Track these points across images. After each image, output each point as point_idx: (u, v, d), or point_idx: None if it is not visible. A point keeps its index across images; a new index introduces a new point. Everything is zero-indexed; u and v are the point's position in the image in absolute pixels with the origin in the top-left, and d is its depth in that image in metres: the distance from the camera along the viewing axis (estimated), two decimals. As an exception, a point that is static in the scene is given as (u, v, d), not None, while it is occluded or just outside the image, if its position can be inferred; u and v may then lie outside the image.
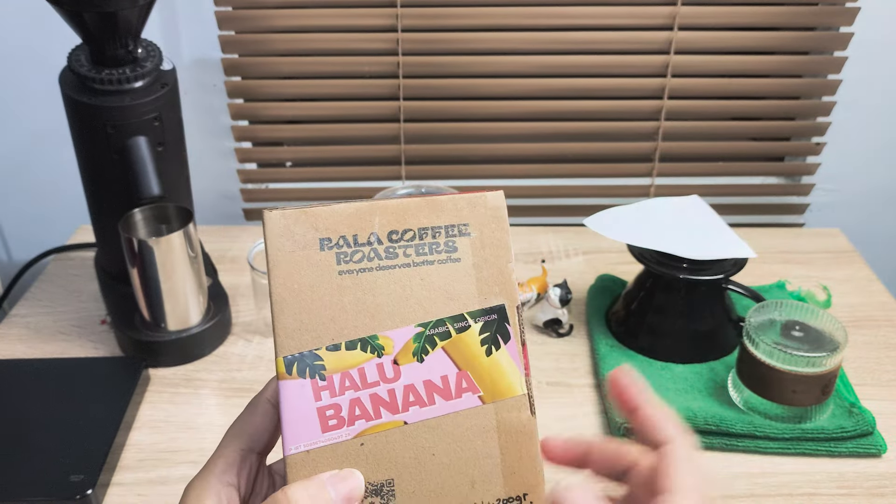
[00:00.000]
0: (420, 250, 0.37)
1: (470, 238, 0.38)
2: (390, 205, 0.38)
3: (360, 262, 0.37)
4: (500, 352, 0.37)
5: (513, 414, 0.37)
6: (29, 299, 0.95)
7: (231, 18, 1.05)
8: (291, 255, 0.37)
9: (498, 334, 0.37)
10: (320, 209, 0.37)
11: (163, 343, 0.82)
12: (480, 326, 0.37)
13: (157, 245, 0.77)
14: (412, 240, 0.38)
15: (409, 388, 0.36)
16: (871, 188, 1.21)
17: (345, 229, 0.37)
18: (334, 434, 0.36)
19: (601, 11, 1.05)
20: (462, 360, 0.37)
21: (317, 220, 0.37)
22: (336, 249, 0.37)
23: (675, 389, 0.78)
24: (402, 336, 0.37)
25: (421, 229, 0.38)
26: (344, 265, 0.37)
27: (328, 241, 0.37)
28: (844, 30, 1.07)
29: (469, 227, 0.38)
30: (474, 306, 0.37)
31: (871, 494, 0.69)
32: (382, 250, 0.37)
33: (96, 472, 0.68)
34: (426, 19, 1.05)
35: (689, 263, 0.80)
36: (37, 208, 1.18)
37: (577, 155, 1.15)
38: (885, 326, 0.91)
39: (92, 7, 0.71)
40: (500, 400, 0.37)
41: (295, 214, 0.37)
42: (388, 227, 0.37)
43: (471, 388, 0.37)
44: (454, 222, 0.38)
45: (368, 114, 1.12)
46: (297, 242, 0.37)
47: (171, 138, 0.81)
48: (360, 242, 0.37)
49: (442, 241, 0.38)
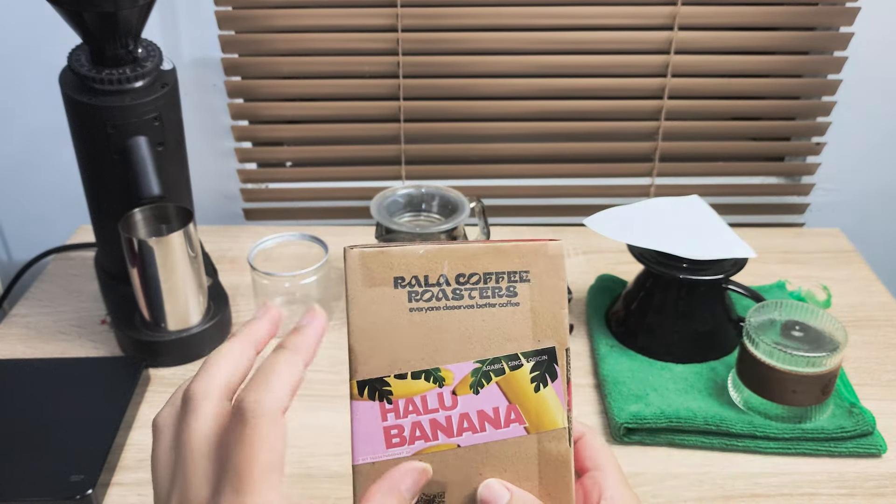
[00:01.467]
0: (484, 293, 0.41)
1: (529, 284, 0.41)
2: (459, 249, 0.41)
3: (430, 300, 0.41)
4: (547, 389, 0.41)
5: (553, 444, 0.41)
6: (29, 299, 0.95)
7: (231, 18, 1.05)
8: (369, 291, 0.40)
9: (547, 373, 0.41)
10: (396, 250, 0.41)
11: (163, 343, 0.82)
12: (532, 366, 0.41)
13: (157, 245, 0.77)
14: (477, 283, 0.41)
15: (464, 415, 0.41)
16: (871, 188, 1.21)
17: (417, 270, 0.41)
18: (396, 451, 0.40)
19: (601, 11, 1.05)
20: (512, 395, 0.41)
21: (392, 260, 0.41)
22: (409, 288, 0.41)
23: (675, 389, 0.78)
24: (462, 370, 0.41)
25: (486, 274, 0.41)
26: (415, 303, 0.41)
27: (402, 279, 0.41)
28: (844, 30, 1.07)
29: (529, 274, 0.41)
30: (528, 347, 0.41)
31: (871, 494, 0.69)
32: (450, 291, 0.41)
33: (96, 472, 0.68)
34: (426, 19, 1.05)
35: (689, 263, 0.80)
36: (37, 208, 1.18)
37: (577, 155, 1.15)
38: (885, 326, 0.91)
39: (92, 7, 0.71)
40: (543, 432, 0.41)
41: (373, 254, 0.41)
42: (457, 271, 0.41)
43: (518, 420, 0.41)
44: (516, 269, 0.41)
45: (368, 114, 1.12)
46: (375, 280, 0.41)
47: (171, 138, 0.81)
48: (431, 283, 0.41)
49: (504, 285, 0.41)
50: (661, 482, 0.70)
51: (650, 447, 0.74)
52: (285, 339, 0.38)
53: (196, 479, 0.34)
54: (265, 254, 0.90)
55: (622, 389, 0.77)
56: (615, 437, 0.74)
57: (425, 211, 0.91)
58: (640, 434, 0.74)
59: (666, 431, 0.74)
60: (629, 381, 0.78)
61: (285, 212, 1.19)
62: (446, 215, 0.89)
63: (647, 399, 0.76)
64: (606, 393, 0.78)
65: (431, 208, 0.91)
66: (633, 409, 0.74)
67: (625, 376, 0.79)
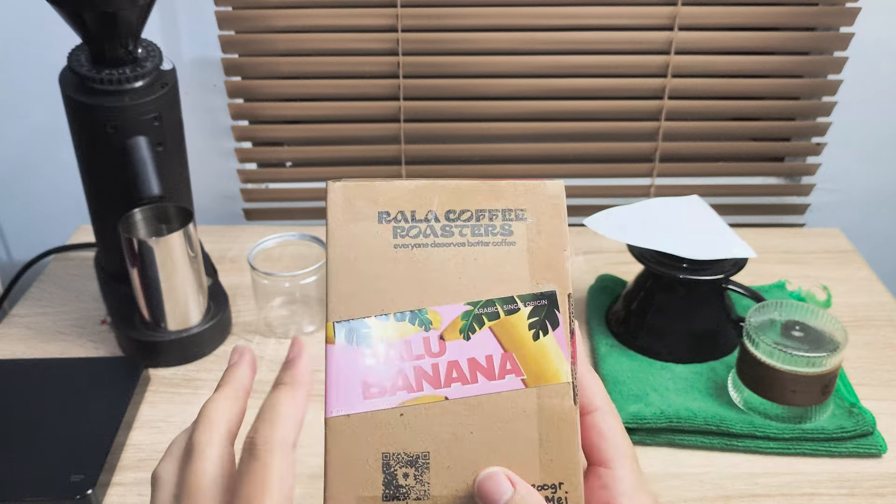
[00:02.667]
0: (476, 231, 0.38)
1: (526, 223, 0.38)
2: (450, 185, 0.38)
3: (416, 237, 0.38)
4: (547, 337, 0.37)
5: (555, 400, 0.37)
6: (29, 299, 0.95)
7: (231, 18, 1.05)
8: (350, 225, 0.38)
9: (547, 320, 0.37)
10: (382, 183, 0.38)
11: (163, 343, 0.82)
12: (530, 311, 0.37)
13: (157, 245, 0.77)
14: (469, 220, 0.38)
15: (452, 364, 0.37)
16: (871, 188, 1.21)
17: (404, 205, 0.38)
18: (375, 402, 0.36)
19: (601, 11, 1.05)
20: (508, 342, 0.37)
21: (377, 193, 0.38)
22: (394, 224, 0.38)
23: (675, 389, 0.78)
24: (451, 312, 0.37)
25: (478, 211, 0.38)
26: (400, 239, 0.38)
27: (387, 214, 0.38)
28: (844, 30, 1.07)
29: (526, 213, 0.38)
30: (525, 290, 0.38)
31: (871, 494, 0.69)
32: (439, 228, 0.38)
33: (96, 472, 0.68)
34: (426, 19, 1.05)
35: (689, 263, 0.80)
36: (37, 208, 1.18)
37: (577, 155, 1.15)
38: (885, 326, 0.91)
39: (92, 7, 0.71)
40: (543, 385, 0.37)
41: (357, 187, 0.38)
42: (447, 207, 0.38)
43: (514, 371, 0.37)
44: (511, 207, 0.38)
45: (368, 114, 1.12)
46: (357, 214, 0.38)
47: (171, 138, 0.81)
48: (418, 219, 0.38)
49: (498, 223, 0.38)
50: (661, 482, 0.70)
51: (650, 447, 0.74)
52: (282, 374, 0.38)
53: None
54: (265, 254, 0.90)
55: (622, 389, 0.77)
56: (615, 437, 0.74)
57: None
58: (640, 434, 0.74)
59: (666, 431, 0.74)
60: (629, 381, 0.78)
61: (285, 212, 1.19)
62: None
63: (647, 399, 0.76)
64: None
65: (431, 208, 0.91)
66: (633, 409, 0.74)
67: (625, 376, 0.79)
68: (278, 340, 0.88)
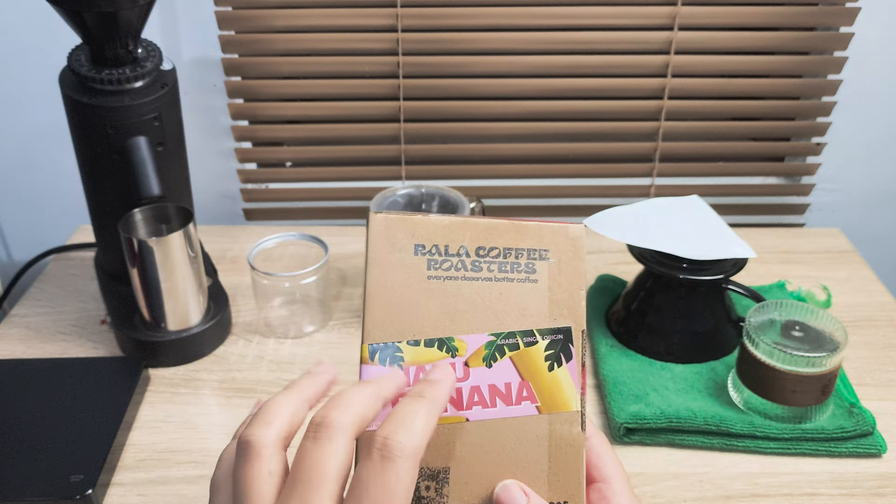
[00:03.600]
0: (503, 267, 0.41)
1: (548, 263, 0.42)
2: (481, 223, 0.42)
3: (448, 270, 0.41)
4: (561, 369, 0.41)
5: (565, 427, 0.40)
6: (29, 299, 0.95)
7: (231, 18, 1.05)
8: (389, 255, 0.41)
9: (561, 353, 0.41)
10: (419, 218, 0.41)
11: (163, 343, 0.82)
12: (547, 343, 0.41)
13: (157, 245, 0.77)
14: (497, 257, 0.41)
15: (475, 388, 0.40)
16: (871, 188, 1.21)
17: (438, 239, 0.41)
18: None
19: (601, 11, 1.05)
20: (526, 371, 0.40)
21: (415, 227, 0.41)
22: (428, 256, 0.41)
23: (675, 389, 0.78)
24: (476, 342, 0.40)
25: (506, 248, 0.41)
26: (433, 271, 0.41)
27: (422, 247, 0.41)
28: (844, 30, 1.07)
29: (549, 253, 0.42)
30: (544, 325, 0.41)
31: (871, 494, 0.69)
32: (469, 262, 0.41)
33: (96, 472, 0.68)
34: (426, 19, 1.05)
35: (689, 263, 0.80)
36: (37, 208, 1.18)
37: (578, 155, 1.15)
38: (885, 326, 0.91)
39: (92, 7, 0.71)
40: (555, 412, 0.40)
41: (397, 220, 0.41)
42: (477, 243, 0.41)
43: (530, 398, 0.40)
44: (536, 247, 0.42)
45: (368, 114, 1.12)
46: (395, 245, 0.41)
47: (171, 138, 0.81)
48: (451, 253, 0.41)
49: (523, 262, 0.41)
50: (661, 482, 0.70)
51: (650, 447, 0.74)
52: (423, 387, 0.37)
53: (323, 500, 0.33)
54: (265, 254, 0.90)
55: (622, 389, 0.77)
56: (615, 437, 0.74)
57: (425, 211, 0.91)
58: (640, 434, 0.74)
59: (666, 431, 0.74)
60: (629, 381, 0.78)
61: (285, 212, 1.19)
62: (446, 215, 0.89)
63: (647, 399, 0.76)
64: (606, 393, 0.78)
65: (431, 208, 0.91)
66: (633, 409, 0.74)
67: (625, 376, 0.79)
68: (278, 340, 0.88)
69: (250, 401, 0.79)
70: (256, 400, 0.39)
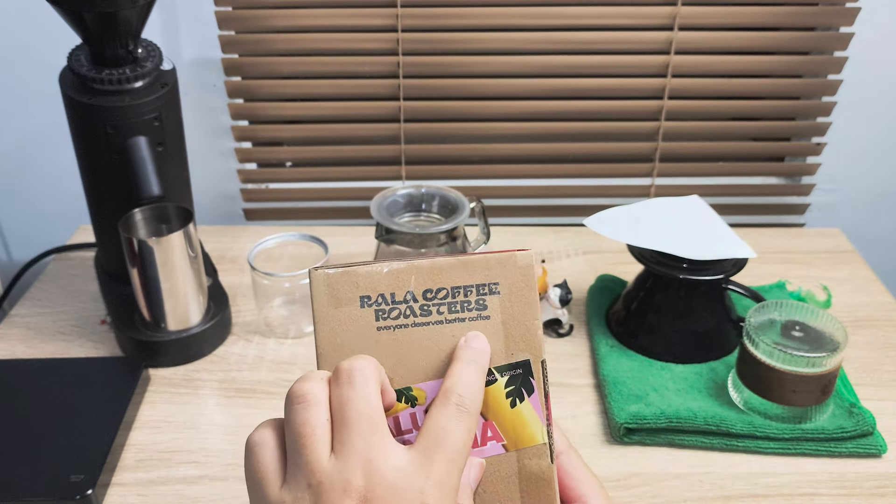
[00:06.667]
0: (452, 308, 0.40)
1: (499, 296, 0.40)
2: (425, 265, 0.40)
3: (397, 318, 0.40)
4: (523, 404, 0.40)
5: (533, 461, 0.40)
6: (29, 299, 0.95)
7: (231, 18, 1.05)
8: (335, 311, 0.40)
9: (522, 387, 0.40)
10: (361, 269, 0.40)
11: (163, 343, 0.82)
12: (506, 380, 0.40)
13: (157, 245, 0.77)
14: (445, 298, 0.40)
15: None
16: (872, 188, 1.21)
17: (383, 288, 0.40)
18: None
19: (601, 11, 1.05)
20: (488, 411, 0.40)
21: (357, 279, 0.40)
22: (375, 307, 0.40)
23: (675, 389, 0.78)
24: (434, 388, 0.39)
25: (454, 288, 0.40)
26: (382, 321, 0.40)
27: (368, 298, 0.40)
28: (844, 30, 1.07)
29: (499, 286, 0.41)
30: (501, 361, 0.40)
31: (872, 494, 0.69)
32: (418, 308, 0.40)
33: (96, 472, 0.68)
34: (426, 19, 1.05)
35: (689, 263, 0.80)
36: (37, 208, 1.18)
37: (577, 155, 1.15)
38: (885, 326, 0.91)
39: (92, 7, 0.71)
40: (522, 448, 0.40)
41: (338, 275, 0.40)
42: (424, 286, 0.40)
43: (495, 437, 0.40)
44: (485, 281, 0.40)
45: (368, 114, 1.12)
46: (340, 300, 0.40)
47: (171, 138, 0.81)
48: (398, 300, 0.40)
49: (473, 299, 0.40)
50: (661, 482, 0.70)
51: (650, 447, 0.74)
52: (471, 354, 0.39)
53: (384, 438, 0.36)
54: (265, 254, 0.90)
55: (622, 389, 0.77)
56: (615, 437, 0.74)
57: (425, 211, 0.91)
58: (640, 434, 0.74)
59: (666, 431, 0.74)
60: (629, 381, 0.78)
61: (285, 212, 1.19)
62: (446, 215, 0.89)
63: (647, 399, 0.76)
64: (606, 393, 0.78)
65: (431, 208, 0.91)
66: (633, 409, 0.74)
67: (625, 376, 0.79)
68: (278, 340, 0.88)
69: (250, 401, 0.79)
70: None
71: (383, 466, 0.35)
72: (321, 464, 0.35)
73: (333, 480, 0.35)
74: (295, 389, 0.37)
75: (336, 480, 0.35)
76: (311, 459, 0.35)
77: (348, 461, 0.35)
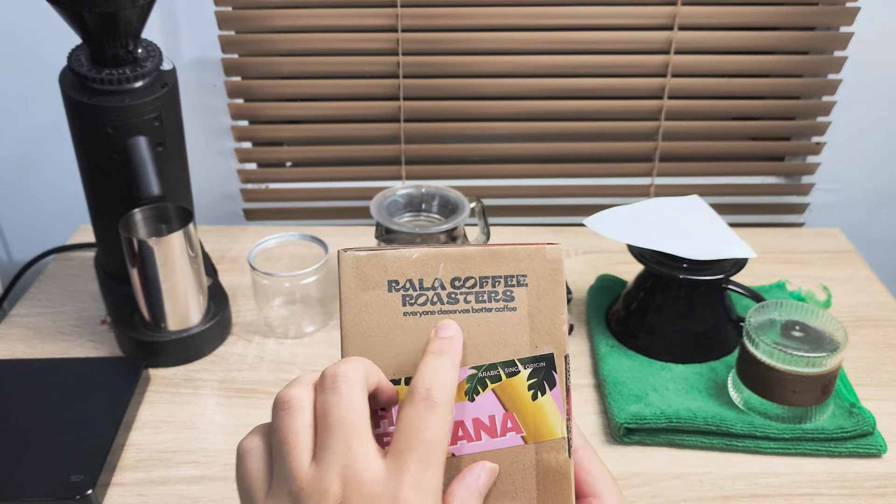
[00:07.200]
0: (480, 297, 0.40)
1: (527, 288, 0.40)
2: (454, 252, 0.40)
3: (424, 304, 0.40)
4: (545, 397, 0.40)
5: (551, 455, 0.40)
6: (29, 299, 0.95)
7: (231, 18, 1.05)
8: (362, 294, 0.40)
9: (545, 381, 0.40)
10: (390, 253, 0.40)
11: (163, 343, 0.82)
12: (529, 372, 0.40)
13: (157, 245, 0.77)
14: (473, 287, 0.40)
15: (458, 423, 0.39)
16: (871, 188, 1.21)
17: (412, 273, 0.40)
18: None
19: (601, 11, 1.05)
20: (509, 402, 0.40)
21: (387, 263, 0.40)
22: (403, 292, 0.40)
23: (675, 389, 0.78)
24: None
25: (482, 277, 0.40)
26: (409, 307, 0.40)
27: (396, 283, 0.40)
28: (844, 30, 1.07)
29: (527, 278, 0.40)
30: (525, 353, 0.40)
31: (872, 495, 0.69)
32: (445, 295, 0.40)
33: (96, 472, 0.68)
34: (426, 19, 1.05)
35: (689, 263, 0.80)
36: (37, 208, 1.18)
37: (577, 155, 1.15)
38: (885, 326, 0.91)
39: (92, 7, 0.71)
40: (541, 441, 0.40)
41: (367, 257, 0.40)
42: (452, 274, 0.40)
43: (515, 429, 0.40)
44: (513, 273, 0.40)
45: (368, 114, 1.12)
46: (368, 283, 0.40)
47: (171, 138, 0.81)
48: (425, 287, 0.40)
49: (501, 289, 0.40)
50: (661, 482, 0.70)
51: (650, 447, 0.74)
52: (439, 344, 0.39)
53: (365, 444, 0.35)
54: (265, 254, 0.90)
55: (622, 389, 0.77)
56: (615, 437, 0.74)
57: (425, 211, 0.91)
58: (640, 434, 0.74)
59: (666, 431, 0.74)
60: (629, 381, 0.78)
61: (285, 212, 1.19)
62: (446, 215, 0.89)
63: (647, 399, 0.76)
64: (606, 393, 0.78)
65: (431, 208, 0.91)
66: (633, 409, 0.74)
67: (625, 376, 0.79)
68: (278, 340, 0.88)
69: (250, 401, 0.79)
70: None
71: (361, 473, 0.35)
72: (302, 471, 0.35)
73: (313, 487, 0.35)
74: (281, 395, 0.37)
75: (315, 488, 0.35)
76: (294, 466, 0.35)
77: (328, 468, 0.35)
